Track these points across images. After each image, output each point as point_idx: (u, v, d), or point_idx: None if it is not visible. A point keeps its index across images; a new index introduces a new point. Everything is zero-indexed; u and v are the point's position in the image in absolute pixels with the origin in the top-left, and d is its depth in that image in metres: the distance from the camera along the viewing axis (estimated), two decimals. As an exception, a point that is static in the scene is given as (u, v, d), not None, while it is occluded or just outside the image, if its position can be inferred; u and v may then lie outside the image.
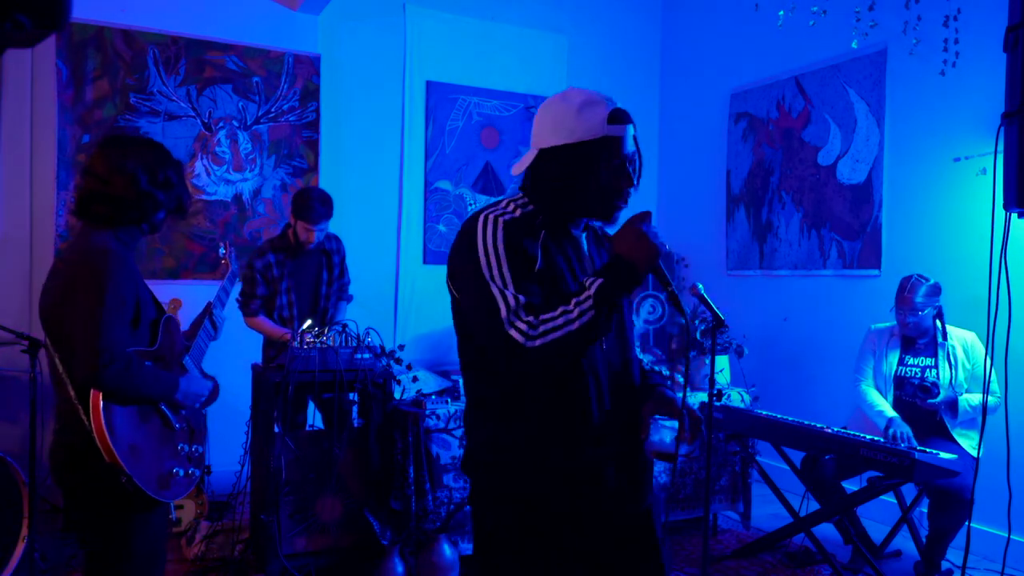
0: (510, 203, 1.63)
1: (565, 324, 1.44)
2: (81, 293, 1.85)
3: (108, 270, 1.85)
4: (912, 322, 3.50)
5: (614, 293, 1.46)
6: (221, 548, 3.56)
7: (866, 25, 4.20)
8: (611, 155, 1.58)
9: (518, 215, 1.59)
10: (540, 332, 1.44)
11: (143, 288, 1.98)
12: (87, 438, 1.82)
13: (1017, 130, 1.87)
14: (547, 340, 1.44)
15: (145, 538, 1.94)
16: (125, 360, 1.83)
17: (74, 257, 1.94)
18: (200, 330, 2.26)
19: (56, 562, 3.45)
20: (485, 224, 1.55)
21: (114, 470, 1.82)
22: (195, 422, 2.13)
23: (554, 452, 1.59)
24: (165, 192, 2.00)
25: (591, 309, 1.44)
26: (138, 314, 1.93)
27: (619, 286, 1.47)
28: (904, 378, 3.59)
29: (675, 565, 3.67)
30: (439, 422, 3.48)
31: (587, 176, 1.58)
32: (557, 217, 1.63)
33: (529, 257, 1.53)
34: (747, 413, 3.81)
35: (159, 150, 2.04)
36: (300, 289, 3.82)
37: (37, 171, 4.38)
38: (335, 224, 3.92)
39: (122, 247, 1.95)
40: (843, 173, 4.69)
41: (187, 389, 2.03)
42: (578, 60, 5.86)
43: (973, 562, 3.62)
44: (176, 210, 2.07)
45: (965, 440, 3.43)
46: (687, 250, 5.67)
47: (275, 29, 4.87)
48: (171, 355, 2.06)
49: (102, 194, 1.94)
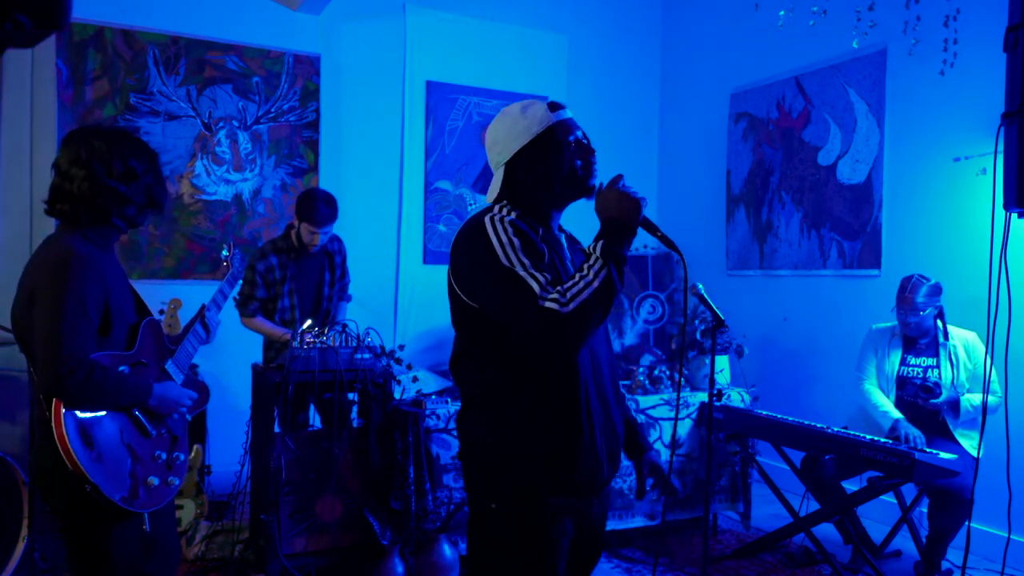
0: (502, 208, 1.72)
1: (587, 285, 1.55)
2: (41, 299, 1.78)
3: (68, 275, 1.76)
4: (913, 322, 3.50)
5: (616, 248, 1.59)
6: (221, 548, 3.56)
7: (866, 25, 4.21)
8: (566, 134, 1.72)
9: (515, 217, 1.69)
10: (570, 297, 1.54)
11: (118, 291, 1.89)
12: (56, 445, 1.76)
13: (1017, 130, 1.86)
14: (578, 302, 1.53)
15: (122, 546, 1.86)
16: (87, 368, 1.74)
17: (38, 261, 1.86)
18: (190, 333, 2.17)
19: (56, 562, 3.45)
20: (494, 223, 1.64)
21: (78, 478, 1.75)
22: (177, 429, 2.04)
23: (544, 448, 1.66)
24: (127, 185, 1.88)
25: (604, 268, 1.56)
26: (108, 319, 1.84)
27: (617, 242, 1.60)
28: (906, 378, 3.59)
29: (675, 565, 3.67)
30: (439, 422, 3.48)
31: (556, 161, 1.70)
32: (542, 217, 1.75)
33: (540, 249, 1.64)
34: (747, 413, 3.81)
35: (122, 140, 1.91)
36: (303, 291, 3.81)
37: (37, 171, 4.38)
38: (336, 224, 3.92)
39: (92, 248, 1.86)
40: (843, 173, 4.69)
41: (163, 395, 1.93)
42: (578, 60, 5.86)
43: (973, 562, 3.62)
44: (148, 204, 1.95)
45: (967, 440, 3.43)
46: (687, 250, 5.65)
47: (275, 29, 4.87)
48: (152, 359, 1.98)
49: (62, 190, 1.86)
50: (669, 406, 3.90)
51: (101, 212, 1.87)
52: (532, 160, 1.71)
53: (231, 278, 2.51)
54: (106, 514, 1.83)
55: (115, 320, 1.86)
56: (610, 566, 3.64)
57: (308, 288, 3.83)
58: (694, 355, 4.15)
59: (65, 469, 1.75)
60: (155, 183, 1.96)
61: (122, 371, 1.86)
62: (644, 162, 6.23)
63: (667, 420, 3.89)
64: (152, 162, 1.96)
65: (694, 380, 4.12)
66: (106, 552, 1.84)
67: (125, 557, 1.87)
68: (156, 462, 1.93)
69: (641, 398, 3.85)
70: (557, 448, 1.66)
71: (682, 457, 3.94)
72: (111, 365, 1.83)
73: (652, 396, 3.89)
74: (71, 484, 1.77)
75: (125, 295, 1.93)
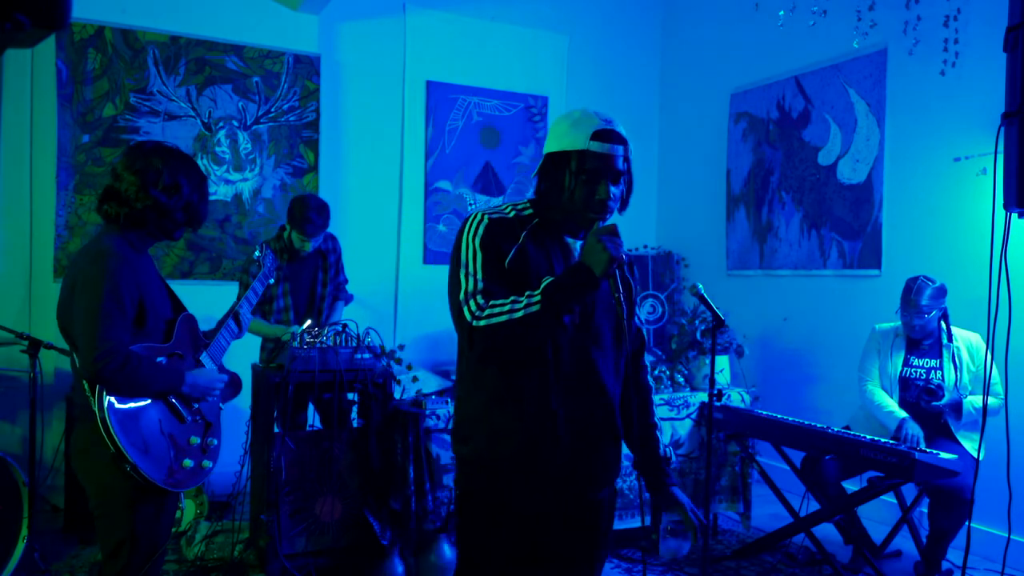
0: (509, 206, 1.79)
1: (510, 312, 1.61)
2: (80, 293, 1.96)
3: (106, 271, 1.93)
4: (918, 324, 3.49)
5: (565, 292, 1.60)
6: (221, 548, 3.56)
7: (866, 25, 4.21)
8: (581, 167, 1.69)
9: (510, 216, 1.75)
10: (486, 314, 1.62)
11: (152, 288, 2.05)
12: (98, 428, 1.92)
13: (1017, 130, 1.86)
14: (489, 322, 1.61)
15: (148, 524, 2.02)
16: (123, 356, 1.90)
17: (80, 260, 2.03)
18: (223, 328, 2.34)
19: (56, 562, 3.45)
20: (473, 220, 1.73)
21: (120, 458, 1.92)
22: (211, 416, 2.20)
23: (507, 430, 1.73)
24: (170, 197, 2.05)
25: (537, 304, 1.59)
26: (142, 313, 2.00)
27: (573, 287, 1.61)
28: (909, 379, 3.59)
29: (675, 565, 3.67)
30: (439, 422, 3.48)
31: (560, 183, 1.72)
32: (548, 222, 1.78)
33: (501, 254, 1.69)
34: (747, 413, 3.81)
35: (176, 158, 2.09)
36: (297, 291, 3.83)
37: (37, 171, 4.38)
38: (335, 225, 3.92)
39: (129, 249, 2.02)
40: (843, 173, 4.69)
41: (195, 382, 2.10)
42: (578, 60, 5.86)
43: (973, 562, 3.62)
44: (187, 221, 2.12)
45: (969, 442, 3.42)
46: (687, 250, 5.67)
47: (275, 29, 4.87)
48: (188, 351, 2.16)
49: (112, 190, 2.04)
50: (669, 406, 3.91)
51: (141, 217, 2.04)
52: (547, 167, 1.75)
53: (263, 277, 2.61)
54: (138, 493, 1.98)
55: (149, 315, 2.02)
56: (610, 566, 3.63)
57: (302, 288, 3.86)
58: (694, 355, 4.15)
59: (102, 449, 1.91)
60: (198, 202, 2.12)
61: (159, 361, 2.03)
62: (644, 162, 6.23)
63: (667, 420, 3.89)
64: (200, 184, 2.12)
65: (694, 380, 4.12)
66: (133, 529, 1.99)
67: (147, 533, 2.02)
68: (191, 446, 2.10)
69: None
70: (514, 436, 1.72)
71: (682, 457, 3.94)
72: (147, 355, 1.99)
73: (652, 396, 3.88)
74: (110, 463, 1.93)
75: (160, 292, 2.10)
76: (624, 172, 1.74)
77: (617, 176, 1.72)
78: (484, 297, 1.64)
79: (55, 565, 3.41)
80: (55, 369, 4.19)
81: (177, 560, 3.50)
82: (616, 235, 1.64)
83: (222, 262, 4.79)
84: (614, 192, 1.73)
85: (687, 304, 4.70)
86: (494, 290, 1.65)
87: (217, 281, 4.75)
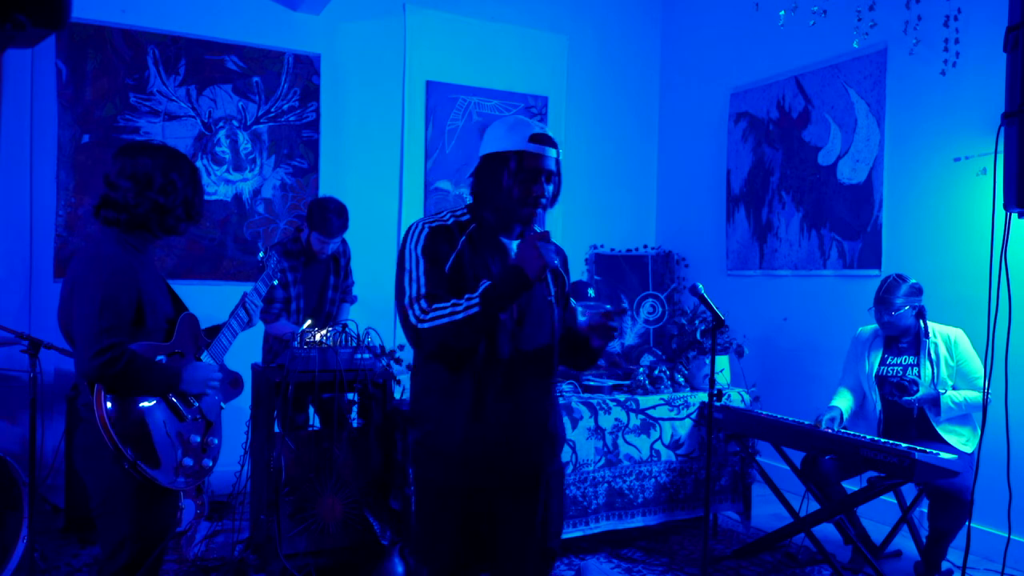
0: (448, 212, 1.94)
1: (451, 314, 1.77)
2: (78, 293, 1.98)
3: (102, 272, 1.95)
4: (887, 321, 3.50)
5: (500, 294, 1.76)
6: (221, 548, 3.56)
7: (866, 25, 4.20)
8: (519, 165, 1.85)
9: (449, 223, 1.91)
10: (429, 317, 1.78)
11: (151, 288, 2.06)
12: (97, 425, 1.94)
13: (1017, 130, 1.86)
14: (433, 324, 1.77)
15: (149, 523, 2.04)
16: (117, 355, 1.91)
17: (79, 260, 2.05)
18: (231, 318, 2.35)
19: (56, 562, 3.45)
20: (414, 229, 1.89)
21: (119, 457, 1.94)
22: (211, 415, 2.20)
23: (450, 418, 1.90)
24: (167, 196, 2.06)
25: (476, 306, 1.75)
26: (141, 313, 2.01)
27: (506, 289, 1.76)
28: (884, 377, 3.59)
29: (675, 565, 3.67)
30: (439, 422, 3.47)
31: (499, 181, 1.87)
32: (485, 224, 1.92)
33: (441, 259, 1.85)
34: (747, 413, 3.81)
35: (164, 156, 2.10)
36: (308, 293, 3.89)
37: (37, 171, 4.38)
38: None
39: (127, 250, 2.03)
40: (843, 173, 4.69)
41: (191, 376, 2.10)
42: (578, 60, 5.86)
43: (973, 562, 3.62)
44: (186, 216, 2.14)
45: (953, 437, 3.42)
46: (687, 250, 5.66)
47: (275, 29, 4.87)
48: (188, 350, 2.17)
49: (109, 199, 2.06)
50: (669, 406, 3.90)
51: (142, 220, 2.06)
52: (483, 169, 1.91)
53: (266, 277, 2.63)
54: (139, 491, 2.00)
55: (149, 314, 2.04)
56: (610, 566, 3.64)
57: (313, 290, 3.90)
58: (694, 355, 4.14)
59: (105, 448, 1.93)
60: (193, 195, 2.14)
61: (159, 360, 2.04)
62: (644, 162, 6.23)
63: (667, 420, 3.89)
64: (192, 177, 2.14)
65: (694, 380, 4.12)
66: (133, 526, 2.01)
67: (148, 531, 2.04)
68: (191, 444, 2.11)
69: (641, 398, 3.85)
70: (456, 424, 1.88)
71: (682, 457, 3.94)
72: (145, 353, 2.00)
73: (652, 396, 3.89)
74: (110, 462, 1.96)
75: (160, 292, 2.11)
76: (555, 173, 1.91)
77: (550, 176, 1.90)
78: (427, 301, 1.80)
79: (55, 565, 3.41)
80: (55, 369, 4.19)
81: (177, 560, 3.50)
82: (548, 242, 1.79)
83: (222, 262, 4.79)
84: (547, 190, 1.90)
85: (687, 304, 4.69)
86: (436, 294, 1.81)
87: (217, 281, 4.76)
